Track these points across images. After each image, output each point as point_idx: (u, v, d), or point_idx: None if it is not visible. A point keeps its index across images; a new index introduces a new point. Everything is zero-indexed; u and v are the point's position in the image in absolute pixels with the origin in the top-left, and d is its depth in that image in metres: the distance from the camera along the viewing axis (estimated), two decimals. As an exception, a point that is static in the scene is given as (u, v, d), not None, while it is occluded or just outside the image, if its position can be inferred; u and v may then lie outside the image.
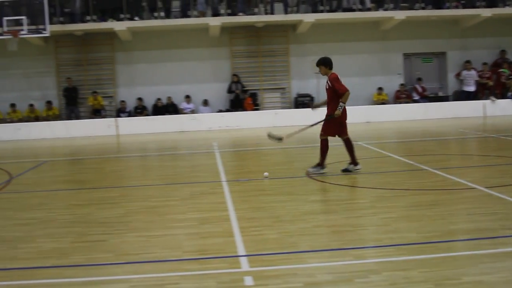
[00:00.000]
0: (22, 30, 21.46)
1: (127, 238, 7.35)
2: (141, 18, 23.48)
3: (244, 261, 6.21)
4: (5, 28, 21.41)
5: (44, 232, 7.83)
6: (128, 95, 24.51)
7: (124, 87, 24.76)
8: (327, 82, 11.25)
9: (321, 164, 11.44)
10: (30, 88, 24.32)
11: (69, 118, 23.74)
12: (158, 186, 11.23)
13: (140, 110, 24.17)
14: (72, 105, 23.99)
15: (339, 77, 11.13)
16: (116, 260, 6.47)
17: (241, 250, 6.57)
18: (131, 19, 23.29)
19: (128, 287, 5.62)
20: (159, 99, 24.22)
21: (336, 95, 11.05)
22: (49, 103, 23.98)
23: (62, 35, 23.64)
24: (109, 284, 5.75)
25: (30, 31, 21.63)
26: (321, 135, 11.44)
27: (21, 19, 21.47)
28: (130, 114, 24.07)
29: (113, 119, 23.49)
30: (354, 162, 11.48)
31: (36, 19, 21.67)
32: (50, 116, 23.82)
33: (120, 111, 24.11)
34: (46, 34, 21.77)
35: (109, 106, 24.60)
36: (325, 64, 11.33)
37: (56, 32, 22.71)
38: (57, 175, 13.61)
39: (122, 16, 23.32)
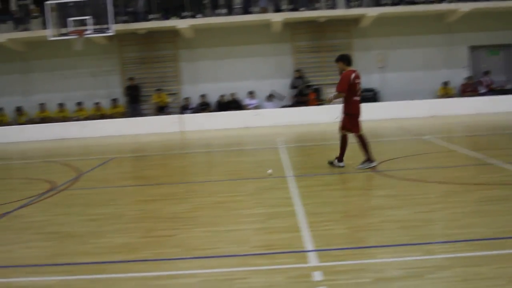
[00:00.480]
0: (87, 30, 21.84)
1: (194, 233, 7.39)
2: (204, 15, 23.62)
3: (312, 256, 6.17)
4: (71, 28, 21.82)
5: (113, 228, 7.94)
6: (192, 92, 24.70)
7: (188, 84, 24.96)
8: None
9: (370, 159, 11.42)
10: (96, 86, 24.76)
11: (132, 116, 24.06)
12: (224, 182, 11.27)
13: (204, 107, 24.33)
14: (134, 103, 24.30)
15: (351, 77, 11.28)
16: (184, 255, 6.51)
17: (309, 245, 6.53)
18: (194, 16, 23.44)
19: (196, 282, 5.65)
20: (222, 95, 24.33)
21: (350, 92, 11.24)
22: (114, 100, 24.38)
23: (126, 34, 23.97)
24: (177, 279, 5.79)
25: (95, 31, 22.00)
26: (340, 131, 11.59)
27: (86, 19, 21.85)
28: (194, 111, 24.24)
29: (177, 116, 23.69)
30: (369, 159, 11.43)
31: (100, 19, 22.03)
32: (116, 114, 24.20)
33: (184, 108, 24.31)
34: (111, 33, 22.11)
35: (173, 103, 24.83)
36: (343, 60, 11.56)
37: (120, 31, 23.03)
38: (124, 172, 13.81)
39: (184, 14, 23.50)
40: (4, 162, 17.00)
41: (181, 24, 23.21)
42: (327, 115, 22.70)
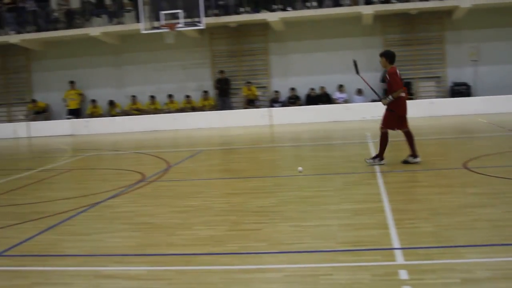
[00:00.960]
0: (178, 23, 22.15)
1: (280, 228, 7.34)
2: (294, 8, 23.54)
3: (398, 254, 6.02)
4: (163, 22, 22.17)
5: (200, 220, 7.98)
6: (281, 85, 24.69)
7: (277, 77, 24.96)
8: (385, 75, 11.50)
9: (379, 156, 11.48)
10: (187, 79, 25.10)
11: (222, 108, 24.25)
12: (311, 176, 11.17)
13: (293, 100, 24.28)
14: (224, 96, 24.49)
15: (397, 72, 11.31)
16: (269, 249, 6.47)
17: (395, 243, 6.37)
18: (284, 9, 23.40)
19: (281, 276, 5.60)
20: (312, 88, 24.21)
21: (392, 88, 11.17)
22: (205, 92, 24.63)
23: (216, 27, 24.17)
24: (263, 273, 5.75)
25: (186, 24, 22.28)
26: (380, 128, 11.46)
27: (178, 12, 22.14)
28: (283, 104, 24.23)
29: (266, 109, 23.73)
30: (414, 154, 11.31)
31: (191, 12, 22.29)
32: (206, 107, 24.45)
33: (274, 101, 24.33)
34: (202, 26, 22.34)
35: (262, 96, 24.88)
36: (386, 56, 11.53)
37: (211, 24, 23.23)
38: (212, 164, 13.91)
39: (275, 7, 23.49)
40: (97, 153, 17.43)
41: (271, 17, 23.21)
42: (417, 109, 22.35)
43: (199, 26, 22.35)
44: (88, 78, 25.83)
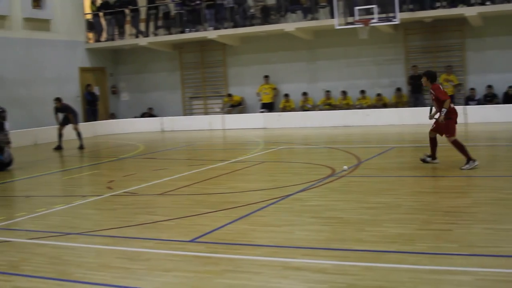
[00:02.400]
0: (373, 18, 21.96)
1: (473, 229, 7.08)
2: (493, 2, 22.51)
3: None
4: (357, 17, 22.10)
5: (390, 217, 7.89)
6: (477, 82, 23.71)
7: (473, 74, 23.99)
8: (431, 93, 11.79)
9: (469, 159, 11.35)
10: (379, 75, 24.85)
11: (414, 105, 23.75)
12: (508, 178, 10.67)
13: (489, 98, 23.26)
14: (417, 92, 23.93)
15: (440, 87, 11.78)
16: (461, 251, 6.26)
17: None
18: (483, 3, 22.45)
19: (472, 280, 5.40)
20: (510, 86, 23.03)
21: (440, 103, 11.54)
22: (398, 90, 24.25)
23: (411, 23, 23.69)
24: (453, 275, 5.58)
25: (380, 20, 22.04)
26: (448, 137, 11.61)
27: (372, 7, 21.98)
28: (479, 102, 23.29)
29: (461, 107, 22.93)
30: (468, 158, 11.38)
31: (386, 8, 22.02)
32: (399, 103, 24.08)
33: (469, 99, 23.45)
34: (396, 21, 21.99)
35: (458, 94, 24.06)
36: (427, 76, 11.97)
37: (406, 19, 22.80)
38: (403, 162, 13.66)
39: (473, 1, 22.61)
40: (290, 146, 17.75)
41: (469, 12, 22.35)
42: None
43: (393, 21, 22.03)
44: (282, 73, 26.35)
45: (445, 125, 11.51)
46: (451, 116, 11.55)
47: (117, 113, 29.91)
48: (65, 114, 20.93)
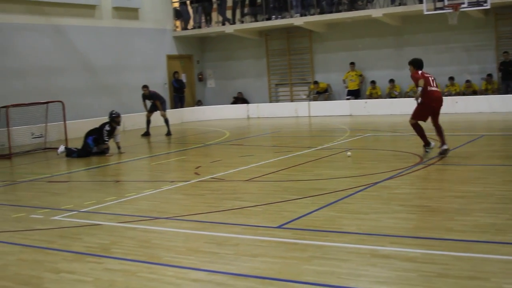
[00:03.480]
0: (463, 3, 21.42)
1: None
2: None
3: None
4: (446, 2, 21.61)
5: (480, 207, 7.72)
6: None
7: None
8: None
9: (443, 143, 12.14)
10: (469, 61, 24.23)
11: (505, 92, 23.07)
12: None
13: None
14: (508, 79, 23.21)
15: (419, 73, 12.68)
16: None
17: None
18: None
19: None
20: None
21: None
22: (489, 76, 23.59)
23: (502, 7, 22.98)
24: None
25: (471, 4, 21.46)
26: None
27: (462, -8, 21.46)
28: None
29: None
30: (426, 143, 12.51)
31: (477, -8, 21.47)
32: (489, 90, 23.45)
33: None
34: (487, 6, 21.37)
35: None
36: (412, 64, 13.00)
37: (496, 4, 22.12)
38: (494, 150, 13.31)
39: None
40: (376, 134, 17.57)
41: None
42: None
43: (484, 6, 21.43)
44: (368, 60, 26.06)
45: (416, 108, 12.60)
46: (425, 100, 12.45)
47: (204, 100, 30.30)
48: (153, 101, 21.34)
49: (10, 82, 21.53)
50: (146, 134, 21.19)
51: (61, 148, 16.27)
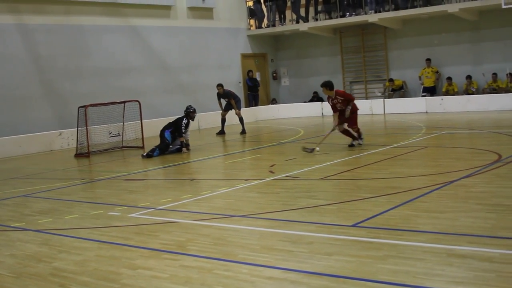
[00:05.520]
0: (544, -4, 20.85)
1: None
2: None
3: None
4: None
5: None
6: None
7: None
8: (336, 98, 14.50)
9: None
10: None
11: None
12: None
13: None
14: None
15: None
16: None
17: None
18: None
19: None
20: None
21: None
22: None
23: None
24: None
25: (552, -3, 20.88)
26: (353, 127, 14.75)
27: (544, -16, 20.86)
28: None
29: None
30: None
31: (559, -16, 20.84)
32: None
33: None
34: None
35: None
36: (325, 86, 14.37)
37: None
38: None
39: None
40: (452, 131, 17.28)
41: None
42: None
43: None
44: (444, 56, 25.61)
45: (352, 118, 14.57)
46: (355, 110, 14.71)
47: (278, 98, 30.38)
48: (228, 100, 21.53)
49: (89, 82, 22.14)
50: (221, 132, 21.40)
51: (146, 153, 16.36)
